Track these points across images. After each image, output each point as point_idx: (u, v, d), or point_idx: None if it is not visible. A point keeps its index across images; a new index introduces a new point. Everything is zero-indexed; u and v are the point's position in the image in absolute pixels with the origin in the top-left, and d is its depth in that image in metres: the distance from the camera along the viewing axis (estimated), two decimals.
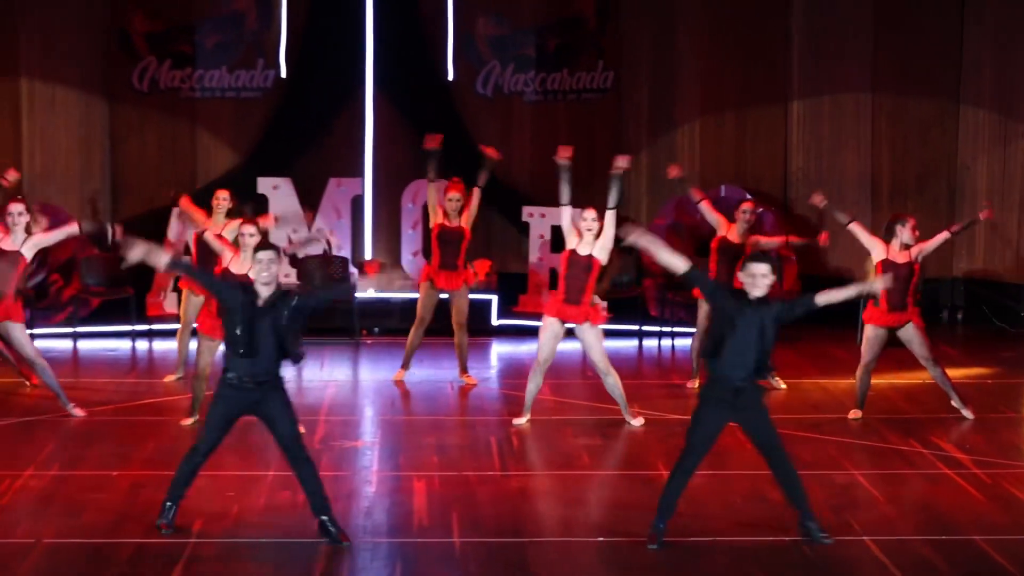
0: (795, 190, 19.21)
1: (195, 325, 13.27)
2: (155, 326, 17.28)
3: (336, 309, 17.51)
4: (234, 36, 19.01)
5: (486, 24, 19.37)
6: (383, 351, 16.54)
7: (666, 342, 17.27)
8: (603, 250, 12.82)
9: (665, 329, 17.43)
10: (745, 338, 9.26)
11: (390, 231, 18.53)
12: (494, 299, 17.73)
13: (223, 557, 9.25)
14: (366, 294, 17.70)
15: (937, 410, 13.34)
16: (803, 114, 19.18)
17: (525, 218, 18.32)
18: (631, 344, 17.17)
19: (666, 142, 19.46)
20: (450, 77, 18.88)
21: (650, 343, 17.24)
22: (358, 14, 18.46)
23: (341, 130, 18.80)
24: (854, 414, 13.22)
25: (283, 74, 18.74)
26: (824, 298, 9.47)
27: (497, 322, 17.66)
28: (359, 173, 18.59)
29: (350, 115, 18.71)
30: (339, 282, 17.10)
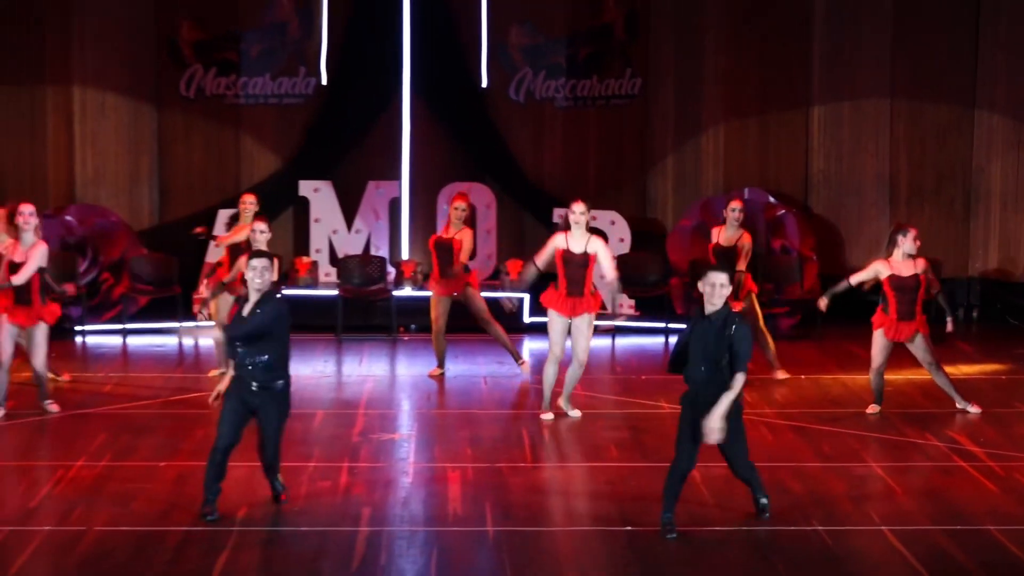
0: (816, 192, 19.18)
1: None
2: (200, 323, 17.32)
3: (375, 307, 17.56)
4: (277, 45, 19.07)
5: (519, 33, 19.38)
6: (419, 347, 16.54)
7: None
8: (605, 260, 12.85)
9: None
10: (697, 347, 9.31)
11: (426, 232, 18.51)
12: (526, 297, 17.72)
13: (266, 544, 9.28)
14: (403, 292, 17.73)
15: (952, 405, 13.28)
16: (824, 119, 19.12)
17: (555, 219, 18.29)
18: (658, 341, 17.15)
19: (691, 146, 19.43)
20: (484, 84, 18.87)
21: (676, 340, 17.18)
22: (396, 24, 18.49)
23: (379, 135, 18.83)
24: (872, 409, 13.17)
25: (324, 81, 18.77)
26: (737, 383, 9.27)
27: (529, 319, 17.65)
28: (397, 176, 18.61)
29: (388, 120, 18.73)
30: (374, 293, 17.02)
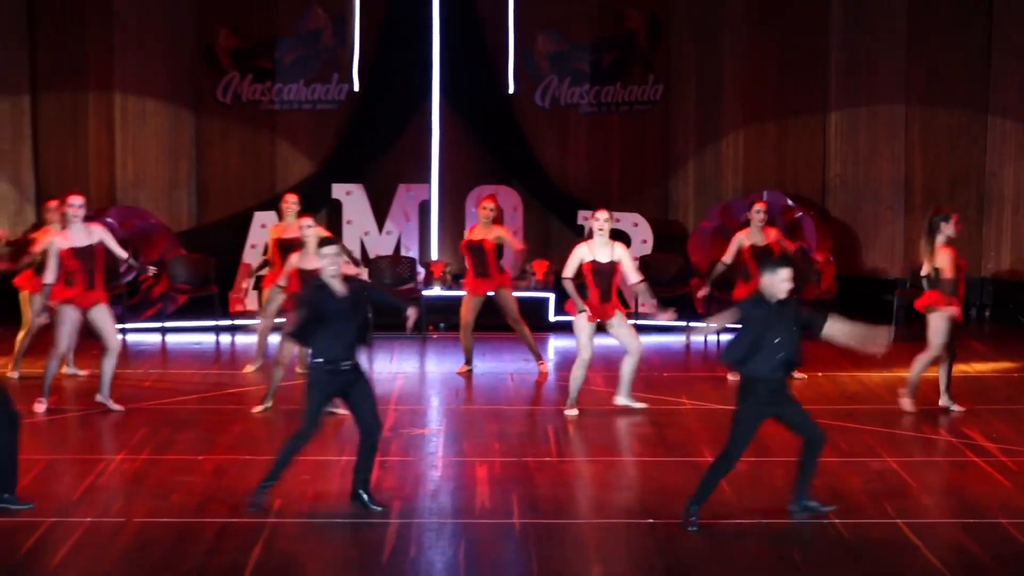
0: (833, 196, 19.12)
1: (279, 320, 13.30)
2: (237, 321, 17.36)
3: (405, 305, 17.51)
4: (311, 52, 19.08)
5: (545, 41, 19.37)
6: (448, 345, 16.54)
7: (712, 338, 17.18)
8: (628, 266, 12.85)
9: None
10: (769, 337, 9.22)
11: (455, 233, 18.53)
12: (551, 297, 17.70)
13: (299, 536, 9.28)
14: (433, 292, 17.73)
15: (966, 402, 13.22)
16: (840, 124, 19.07)
17: (580, 221, 18.27)
18: (679, 340, 17.10)
19: (712, 150, 19.40)
20: (511, 90, 18.87)
21: (697, 338, 17.16)
22: (426, 32, 18.51)
23: (410, 139, 18.84)
24: (909, 406, 12.98)
25: (356, 87, 18.78)
26: (831, 329, 9.41)
27: (554, 319, 17.63)
28: (426, 179, 18.62)
29: (418, 125, 18.75)
30: (404, 293, 16.97)
